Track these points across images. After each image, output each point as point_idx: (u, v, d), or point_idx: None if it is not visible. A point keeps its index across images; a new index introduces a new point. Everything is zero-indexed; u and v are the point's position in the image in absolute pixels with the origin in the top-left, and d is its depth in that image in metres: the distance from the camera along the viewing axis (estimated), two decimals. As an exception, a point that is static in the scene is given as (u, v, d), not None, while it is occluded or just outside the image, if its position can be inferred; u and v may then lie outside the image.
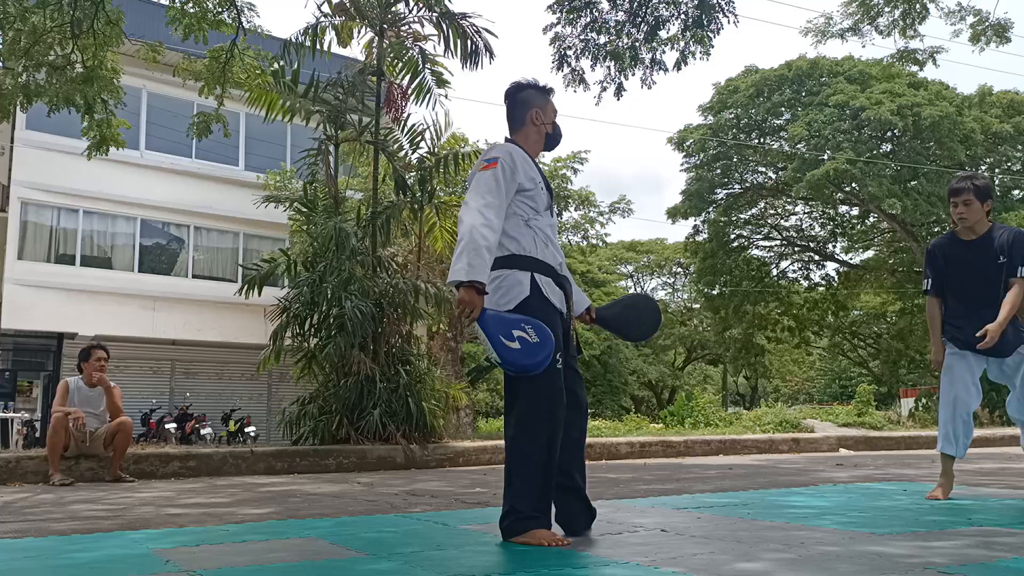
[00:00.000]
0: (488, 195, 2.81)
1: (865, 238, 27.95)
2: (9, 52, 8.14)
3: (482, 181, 2.85)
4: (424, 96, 9.49)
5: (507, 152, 2.95)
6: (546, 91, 3.18)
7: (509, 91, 3.17)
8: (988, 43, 9.46)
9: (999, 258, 4.12)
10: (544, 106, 3.14)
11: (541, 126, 3.13)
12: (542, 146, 3.16)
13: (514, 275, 2.85)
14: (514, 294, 2.83)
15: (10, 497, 5.03)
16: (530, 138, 3.11)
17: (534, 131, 3.12)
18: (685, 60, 8.13)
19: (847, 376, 45.41)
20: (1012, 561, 2.38)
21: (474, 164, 3.02)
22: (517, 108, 3.12)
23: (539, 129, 3.13)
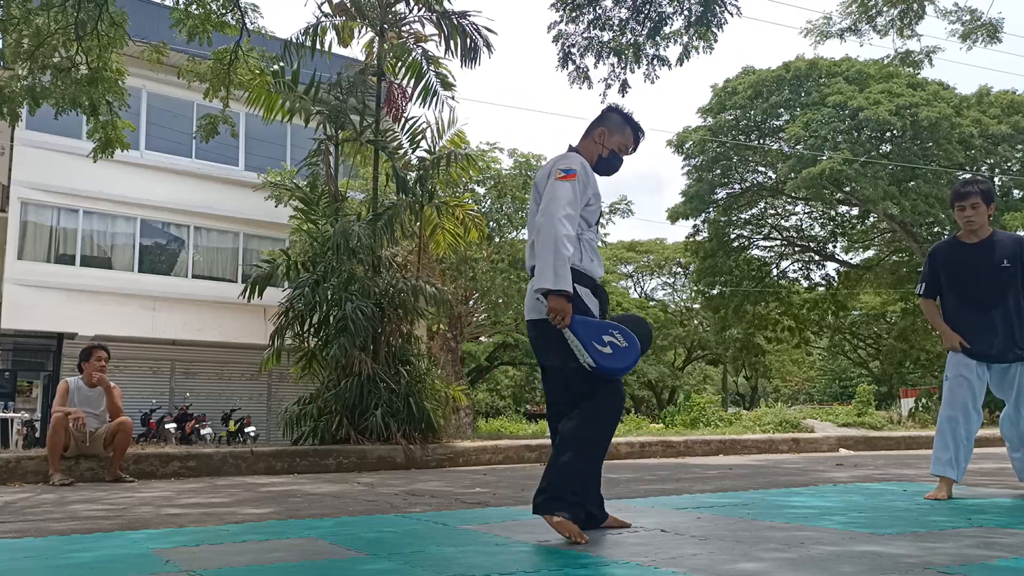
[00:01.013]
0: (568, 207, 2.92)
1: (865, 238, 27.95)
2: (14, 54, 8.15)
3: (563, 191, 2.94)
4: (430, 98, 9.48)
5: (581, 164, 3.06)
6: (630, 123, 3.26)
7: (604, 108, 3.32)
8: (977, 42, 9.46)
9: (1003, 262, 4.11)
10: (613, 132, 3.22)
11: (599, 146, 3.21)
12: (594, 163, 3.21)
13: None
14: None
15: (10, 497, 5.03)
16: (587, 150, 3.21)
17: (592, 146, 3.22)
18: (688, 55, 8.14)
19: (847, 376, 45.41)
20: (1012, 561, 2.38)
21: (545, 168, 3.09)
22: (594, 121, 3.26)
23: (596, 147, 3.21)
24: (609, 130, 3.22)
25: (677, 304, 37.96)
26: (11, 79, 8.44)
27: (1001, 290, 4.12)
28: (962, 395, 4.14)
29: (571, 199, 2.93)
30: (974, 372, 4.16)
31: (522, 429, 22.06)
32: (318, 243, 9.13)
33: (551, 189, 2.97)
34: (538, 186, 3.08)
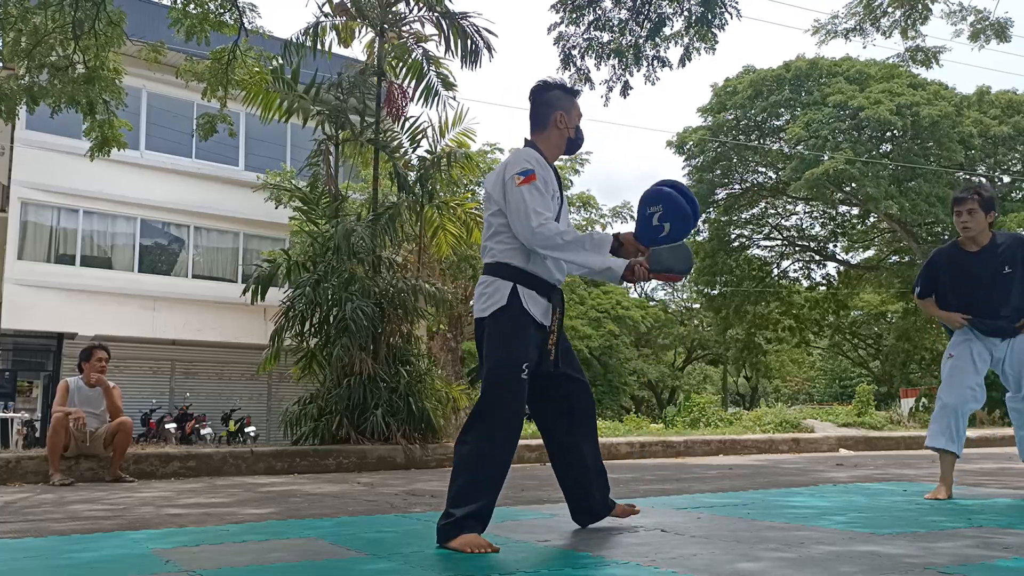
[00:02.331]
0: (541, 210, 2.82)
1: (865, 238, 27.95)
2: (11, 53, 8.15)
3: (527, 196, 2.82)
4: (432, 99, 9.47)
5: (537, 162, 2.92)
6: (573, 93, 3.14)
7: (534, 90, 3.11)
8: (988, 41, 9.45)
9: (1004, 268, 4.09)
10: (570, 109, 3.08)
11: (564, 130, 3.07)
12: (562, 150, 3.11)
13: (496, 283, 2.89)
14: (493, 301, 2.88)
15: (10, 497, 5.03)
16: (551, 141, 3.06)
17: (556, 134, 3.07)
18: (689, 56, 8.13)
19: (847, 376, 45.41)
20: (1012, 561, 2.38)
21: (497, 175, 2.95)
22: (542, 109, 3.07)
23: (562, 133, 3.07)
24: (564, 111, 3.06)
25: (677, 304, 37.96)
26: (9, 78, 8.44)
27: (1004, 295, 4.10)
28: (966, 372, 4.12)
29: (537, 200, 2.82)
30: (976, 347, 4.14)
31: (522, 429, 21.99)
32: (318, 243, 9.13)
33: (513, 197, 2.84)
34: (492, 194, 2.93)
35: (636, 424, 15.49)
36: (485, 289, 2.92)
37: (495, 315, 2.86)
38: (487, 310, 2.88)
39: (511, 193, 2.85)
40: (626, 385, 32.58)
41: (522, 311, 2.86)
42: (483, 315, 2.89)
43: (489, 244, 2.94)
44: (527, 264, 2.90)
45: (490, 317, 2.86)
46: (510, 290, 2.86)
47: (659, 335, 33.91)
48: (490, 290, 2.90)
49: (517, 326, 2.85)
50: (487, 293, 2.90)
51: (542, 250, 2.82)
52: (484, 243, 2.99)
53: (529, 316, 2.87)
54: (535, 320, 2.89)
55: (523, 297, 2.87)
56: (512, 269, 2.89)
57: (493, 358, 2.83)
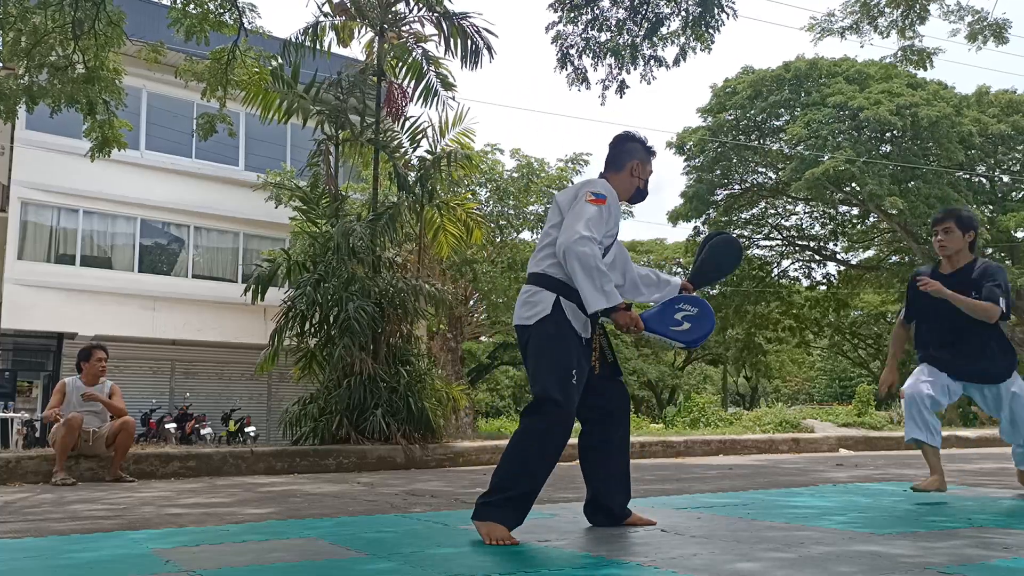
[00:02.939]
0: (595, 229, 2.95)
1: (865, 238, 27.94)
2: (11, 53, 8.15)
3: (589, 212, 2.97)
4: (431, 99, 9.47)
5: (612, 195, 3.10)
6: (651, 152, 3.33)
7: (619, 138, 3.32)
8: (985, 42, 9.44)
9: (973, 293, 4.06)
10: (646, 163, 3.28)
11: (636, 179, 3.26)
12: (628, 196, 3.27)
13: (541, 293, 3.02)
14: (537, 310, 3.00)
15: (10, 497, 5.03)
16: (623, 185, 3.23)
17: (628, 181, 3.25)
18: (684, 56, 8.14)
19: (847, 376, 45.41)
20: (1012, 561, 2.38)
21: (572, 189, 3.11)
22: (622, 154, 3.26)
23: (633, 181, 3.25)
24: (641, 162, 3.27)
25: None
26: (8, 77, 8.44)
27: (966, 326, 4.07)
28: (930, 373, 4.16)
29: (595, 221, 2.96)
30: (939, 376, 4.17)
31: (522, 429, 22.00)
32: (318, 243, 9.13)
33: (578, 208, 2.99)
34: (560, 205, 3.10)
35: (636, 424, 15.51)
36: (529, 298, 3.04)
37: (541, 322, 2.97)
38: (532, 318, 3.00)
39: (578, 203, 3.01)
40: (626, 385, 32.60)
41: (564, 320, 2.98)
42: (527, 323, 3.01)
43: (539, 255, 3.09)
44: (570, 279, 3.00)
45: (536, 325, 2.98)
46: (553, 301, 2.99)
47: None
48: (534, 299, 3.02)
49: (562, 334, 2.97)
50: (531, 302, 3.02)
51: (567, 257, 2.91)
52: (535, 252, 3.14)
53: (571, 326, 2.99)
54: (576, 331, 3.01)
55: (565, 309, 2.99)
56: (555, 281, 3.01)
57: (545, 362, 2.95)
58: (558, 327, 2.97)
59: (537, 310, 3.00)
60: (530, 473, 2.90)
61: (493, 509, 2.85)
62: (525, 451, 2.90)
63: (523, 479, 2.88)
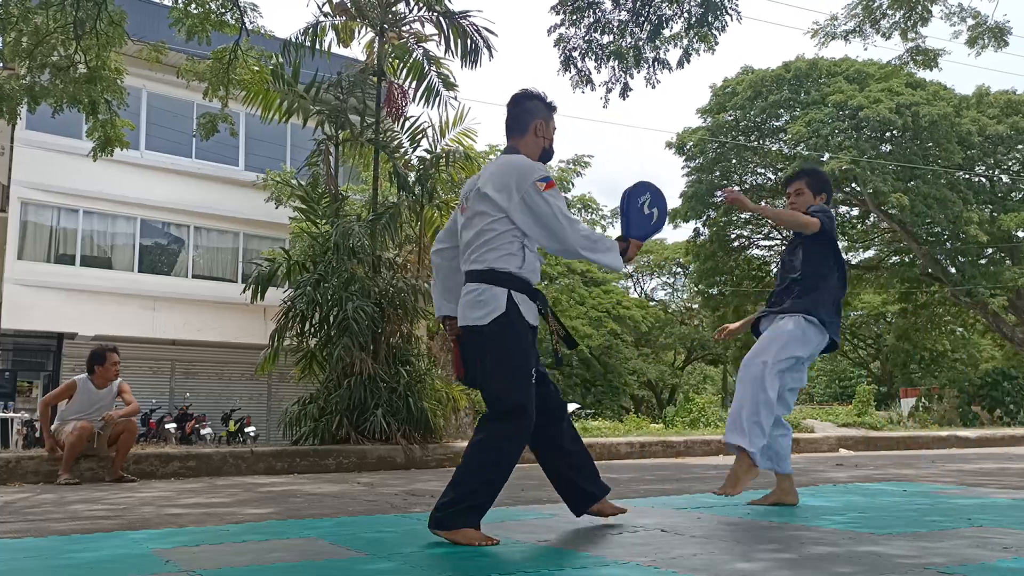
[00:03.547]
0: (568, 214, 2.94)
1: (865, 238, 27.95)
2: (12, 53, 8.15)
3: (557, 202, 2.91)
4: (433, 99, 9.47)
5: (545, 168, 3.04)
6: (552, 107, 3.18)
7: (516, 97, 3.16)
8: (985, 47, 9.45)
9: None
10: (548, 120, 3.14)
11: (542, 139, 3.12)
12: (536, 158, 3.10)
13: (491, 290, 2.90)
14: (490, 309, 2.88)
15: (10, 497, 5.03)
16: (529, 148, 3.09)
17: (534, 142, 3.11)
18: (688, 58, 8.13)
19: (847, 376, 45.41)
20: (1012, 561, 2.38)
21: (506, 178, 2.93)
22: (523, 116, 3.11)
23: (539, 141, 3.12)
24: (544, 120, 3.12)
25: (677, 304, 37.96)
26: (10, 78, 8.44)
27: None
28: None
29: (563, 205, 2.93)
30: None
31: (522, 429, 22.04)
32: (318, 243, 9.13)
33: (540, 206, 2.87)
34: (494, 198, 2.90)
35: (636, 424, 15.50)
36: (478, 297, 2.91)
37: (497, 322, 2.87)
38: (485, 318, 2.88)
39: (534, 200, 2.88)
40: (626, 385, 32.57)
41: (520, 317, 2.91)
42: (480, 323, 2.90)
43: (479, 251, 2.92)
44: (519, 269, 2.93)
45: (491, 324, 2.87)
46: (506, 297, 2.89)
47: (660, 335, 33.89)
48: (484, 298, 2.89)
49: (520, 332, 2.90)
50: (482, 301, 2.90)
51: (582, 251, 2.90)
52: (471, 250, 2.95)
53: (526, 322, 2.93)
54: (530, 324, 2.96)
55: (518, 303, 2.91)
56: (504, 275, 2.91)
57: (507, 365, 2.87)
58: (514, 325, 2.89)
59: (489, 309, 2.88)
60: (493, 480, 2.83)
61: (459, 516, 2.77)
62: (494, 461, 2.83)
63: (487, 488, 2.82)
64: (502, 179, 2.93)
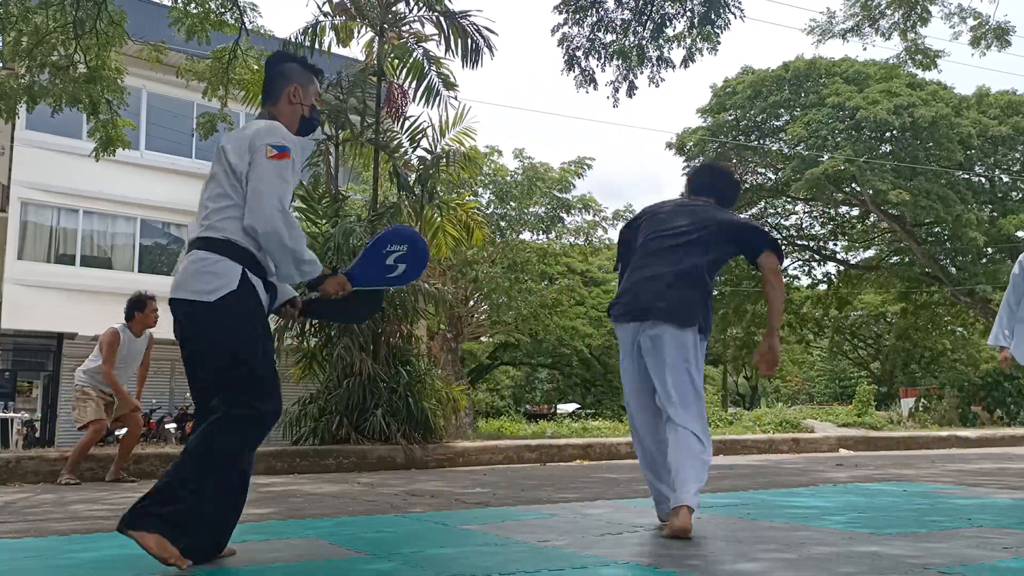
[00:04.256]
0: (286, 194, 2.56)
1: (865, 238, 27.95)
2: (12, 53, 8.16)
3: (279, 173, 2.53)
4: (433, 99, 9.46)
5: (292, 140, 2.65)
6: (313, 71, 2.87)
7: (270, 60, 2.87)
8: (988, 47, 9.45)
9: None
10: (307, 85, 2.81)
11: (298, 105, 2.78)
12: (295, 129, 2.78)
13: (224, 263, 2.53)
14: (220, 283, 2.50)
15: (10, 497, 5.03)
16: (283, 116, 2.76)
17: (288, 110, 2.77)
18: (692, 57, 8.14)
19: (847, 376, 45.41)
20: (1012, 561, 2.38)
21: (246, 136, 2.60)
22: (276, 80, 2.79)
23: (295, 109, 2.78)
24: (300, 86, 2.78)
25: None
26: (9, 77, 8.45)
27: None
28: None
29: (287, 182, 2.55)
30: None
31: (522, 429, 22.06)
32: (319, 243, 9.14)
33: (262, 170, 2.52)
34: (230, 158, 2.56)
35: (636, 424, 15.50)
36: (208, 268, 2.51)
37: (224, 300, 2.49)
38: (212, 293, 2.49)
39: (260, 163, 2.53)
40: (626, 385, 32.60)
41: (253, 294, 2.56)
42: (204, 298, 2.50)
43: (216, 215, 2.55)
44: (258, 251, 2.58)
45: (218, 302, 2.49)
46: (240, 274, 2.53)
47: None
48: (215, 269, 2.50)
49: (253, 315, 2.56)
50: (212, 272, 2.50)
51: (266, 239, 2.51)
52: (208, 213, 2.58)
53: (259, 301, 2.59)
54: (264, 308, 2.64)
55: (254, 283, 2.57)
56: (242, 251, 2.54)
57: (231, 350, 2.51)
58: (246, 307, 2.53)
59: (219, 283, 2.50)
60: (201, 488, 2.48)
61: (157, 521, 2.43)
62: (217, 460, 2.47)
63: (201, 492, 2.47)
64: (247, 138, 2.60)
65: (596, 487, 5.32)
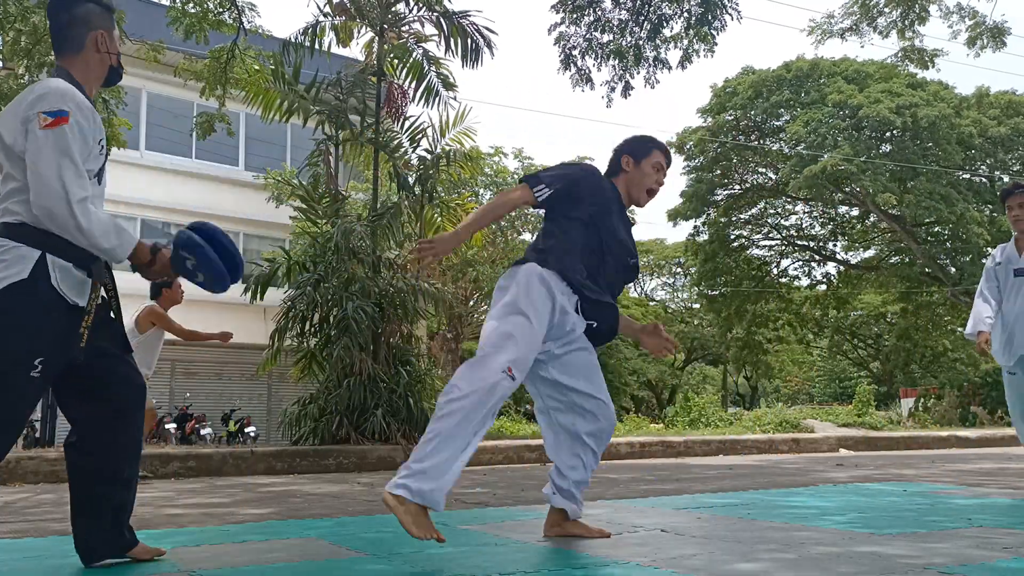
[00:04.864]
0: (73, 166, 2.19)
1: (865, 238, 27.95)
2: (10, 52, 8.16)
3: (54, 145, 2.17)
4: (433, 99, 9.46)
5: (73, 100, 2.25)
6: (111, 10, 2.51)
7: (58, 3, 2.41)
8: (984, 48, 9.46)
9: None
10: (111, 30, 2.45)
11: (106, 55, 2.42)
12: (102, 81, 2.47)
13: (17, 249, 2.21)
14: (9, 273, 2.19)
15: (10, 497, 5.02)
16: (91, 69, 2.40)
17: (97, 60, 2.41)
18: (689, 58, 8.14)
19: (847, 376, 45.40)
20: (1012, 561, 2.38)
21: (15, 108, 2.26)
22: (75, 26, 2.38)
23: (103, 59, 2.42)
24: (107, 30, 2.43)
25: (677, 304, 37.98)
26: (8, 77, 8.45)
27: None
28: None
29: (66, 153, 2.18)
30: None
31: (522, 429, 22.07)
32: (319, 243, 9.14)
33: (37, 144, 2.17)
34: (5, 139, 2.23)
35: (636, 424, 15.51)
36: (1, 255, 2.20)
37: (8, 291, 2.17)
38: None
39: (33, 137, 2.18)
40: (626, 385, 32.60)
41: (49, 289, 2.22)
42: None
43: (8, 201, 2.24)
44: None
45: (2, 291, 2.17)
46: (36, 260, 2.21)
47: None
48: (8, 257, 2.19)
49: (37, 308, 2.21)
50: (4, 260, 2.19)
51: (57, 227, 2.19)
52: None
53: (58, 295, 2.24)
54: (67, 301, 2.28)
55: (52, 270, 2.24)
56: (40, 233, 2.21)
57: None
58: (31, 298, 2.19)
59: (8, 272, 2.18)
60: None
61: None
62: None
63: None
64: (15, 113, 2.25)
65: (596, 487, 5.32)
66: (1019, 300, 4.31)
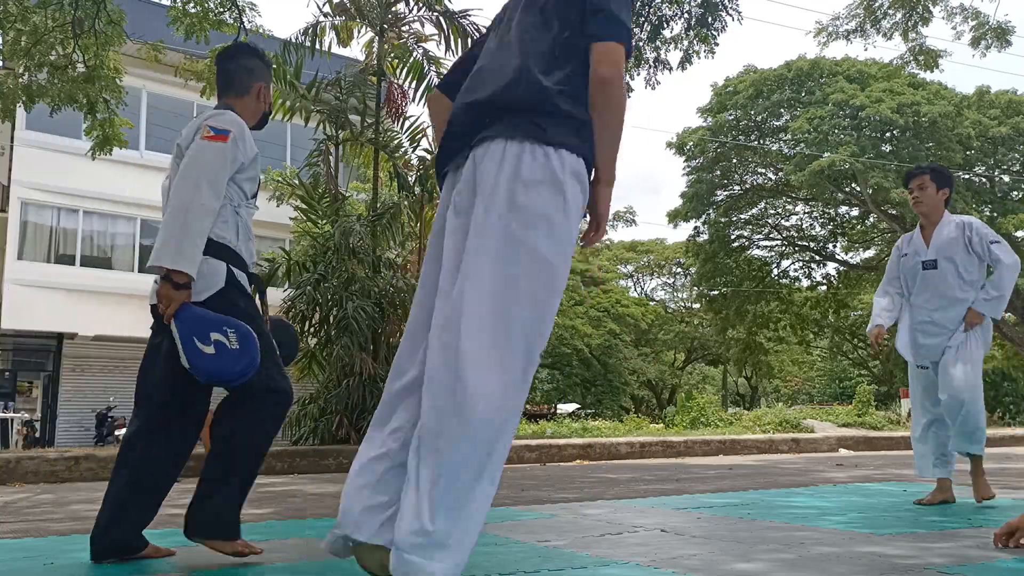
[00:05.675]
0: (212, 173, 2.42)
1: (865, 238, 27.95)
2: (10, 52, 8.16)
3: (208, 154, 2.44)
4: None
5: (239, 126, 2.56)
6: (271, 67, 2.89)
7: (232, 52, 2.80)
8: (989, 48, 9.46)
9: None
10: (269, 84, 2.82)
11: (263, 103, 2.79)
12: (254, 124, 2.77)
13: (208, 263, 2.42)
14: (208, 283, 2.41)
15: (10, 497, 5.03)
16: (248, 111, 2.73)
17: (255, 106, 2.76)
18: (689, 59, 8.14)
19: (847, 376, 45.41)
20: (1012, 561, 2.38)
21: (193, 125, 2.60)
22: (242, 75, 2.73)
23: (259, 106, 2.78)
24: (266, 83, 2.79)
25: (677, 304, 37.99)
26: (8, 76, 8.45)
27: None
28: None
29: (218, 165, 2.43)
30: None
31: (522, 429, 22.08)
32: (319, 243, 9.14)
33: (194, 149, 2.47)
34: (181, 146, 2.59)
35: (636, 424, 15.50)
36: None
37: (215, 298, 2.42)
38: (201, 292, 2.39)
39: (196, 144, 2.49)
40: (626, 385, 32.59)
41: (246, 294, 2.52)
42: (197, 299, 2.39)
43: None
44: (237, 242, 2.53)
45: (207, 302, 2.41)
46: (226, 272, 2.46)
47: (660, 332, 33.95)
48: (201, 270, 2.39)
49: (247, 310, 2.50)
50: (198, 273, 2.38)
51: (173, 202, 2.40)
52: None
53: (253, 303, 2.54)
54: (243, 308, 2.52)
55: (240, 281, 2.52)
56: (223, 248, 2.47)
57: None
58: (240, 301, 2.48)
59: (208, 283, 2.41)
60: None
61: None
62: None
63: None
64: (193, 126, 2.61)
65: (596, 487, 5.32)
66: (927, 295, 4.04)
